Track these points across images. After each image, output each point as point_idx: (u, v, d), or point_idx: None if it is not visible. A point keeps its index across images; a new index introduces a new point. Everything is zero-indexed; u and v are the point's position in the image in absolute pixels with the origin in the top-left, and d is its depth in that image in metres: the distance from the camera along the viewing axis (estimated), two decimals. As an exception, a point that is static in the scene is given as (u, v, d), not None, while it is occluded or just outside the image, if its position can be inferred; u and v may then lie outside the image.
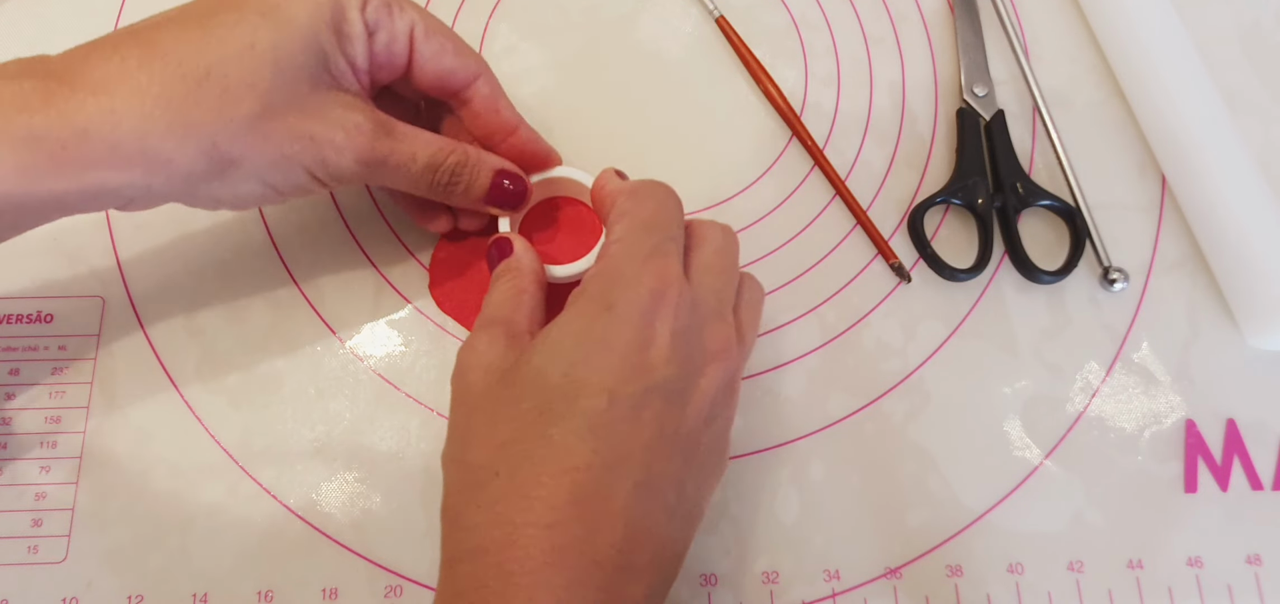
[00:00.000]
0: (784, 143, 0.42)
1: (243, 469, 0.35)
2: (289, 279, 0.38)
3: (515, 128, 0.35)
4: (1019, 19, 0.45)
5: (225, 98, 0.27)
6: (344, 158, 0.30)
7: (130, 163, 0.27)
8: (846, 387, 0.38)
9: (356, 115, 0.30)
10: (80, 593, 0.33)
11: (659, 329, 0.27)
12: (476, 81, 0.34)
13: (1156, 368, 0.39)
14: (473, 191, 0.34)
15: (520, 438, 0.26)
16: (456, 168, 0.33)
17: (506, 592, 0.24)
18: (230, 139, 0.28)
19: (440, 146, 0.32)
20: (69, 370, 0.36)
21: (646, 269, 0.28)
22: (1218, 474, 0.37)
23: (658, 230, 0.30)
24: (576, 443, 0.25)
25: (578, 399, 0.26)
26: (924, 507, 0.36)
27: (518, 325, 0.30)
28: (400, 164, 0.31)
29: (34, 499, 0.34)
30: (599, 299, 0.28)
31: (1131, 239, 0.41)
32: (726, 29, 0.43)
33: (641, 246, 0.29)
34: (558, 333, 0.28)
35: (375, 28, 0.31)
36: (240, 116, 0.28)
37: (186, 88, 0.27)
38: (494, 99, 0.34)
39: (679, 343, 0.27)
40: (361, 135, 0.30)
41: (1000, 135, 0.41)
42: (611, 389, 0.26)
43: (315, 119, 0.29)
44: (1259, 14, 0.45)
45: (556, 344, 0.27)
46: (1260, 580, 0.36)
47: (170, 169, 0.27)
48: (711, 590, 0.34)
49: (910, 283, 0.39)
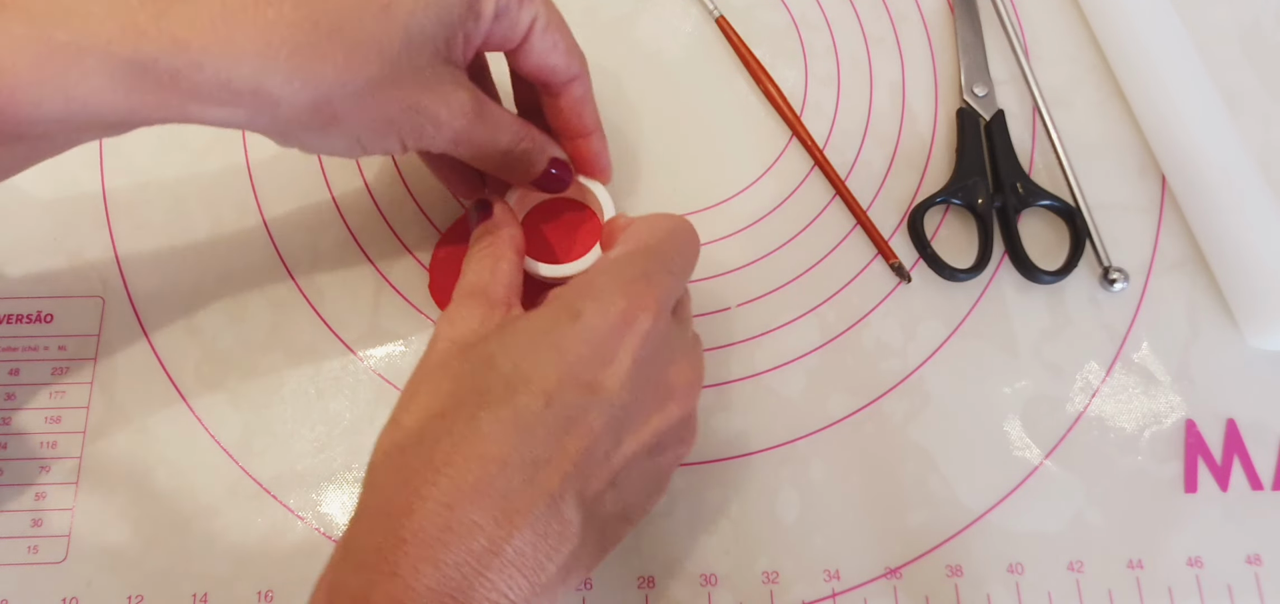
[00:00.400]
0: (784, 143, 0.42)
1: (243, 469, 0.35)
2: (289, 279, 0.38)
3: (591, 133, 0.35)
4: (1019, 19, 0.45)
5: (352, 55, 0.26)
6: (441, 133, 0.30)
7: (239, 100, 0.26)
8: (846, 387, 0.38)
9: (463, 93, 0.30)
10: (80, 593, 0.33)
11: (621, 351, 0.27)
12: (573, 82, 0.33)
13: (1156, 368, 0.39)
14: (528, 174, 0.34)
15: (450, 412, 0.26)
16: (526, 152, 0.33)
17: (395, 556, 0.24)
18: (345, 98, 0.27)
19: (517, 133, 0.32)
20: (69, 370, 0.36)
21: (625, 290, 0.28)
22: (1218, 474, 0.37)
23: (656, 257, 0.30)
24: (499, 433, 0.25)
25: (516, 393, 0.26)
26: (924, 507, 0.36)
27: (494, 294, 0.30)
28: (484, 143, 0.31)
29: (34, 499, 0.34)
30: (569, 305, 0.28)
31: (1131, 239, 0.41)
32: (726, 29, 0.43)
33: (630, 268, 0.29)
34: (522, 324, 0.28)
35: (502, 12, 0.30)
36: (361, 78, 0.27)
37: (316, 37, 0.25)
38: (582, 103, 0.34)
39: (638, 372, 0.27)
40: (464, 116, 0.30)
41: (1000, 135, 0.41)
42: (551, 393, 0.26)
43: (427, 92, 0.28)
44: (1259, 14, 0.45)
45: (515, 335, 0.27)
46: (1260, 580, 0.36)
47: (276, 112, 0.26)
48: (711, 590, 0.34)
49: (910, 283, 0.39)
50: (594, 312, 0.27)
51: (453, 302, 0.30)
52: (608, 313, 0.27)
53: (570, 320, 0.27)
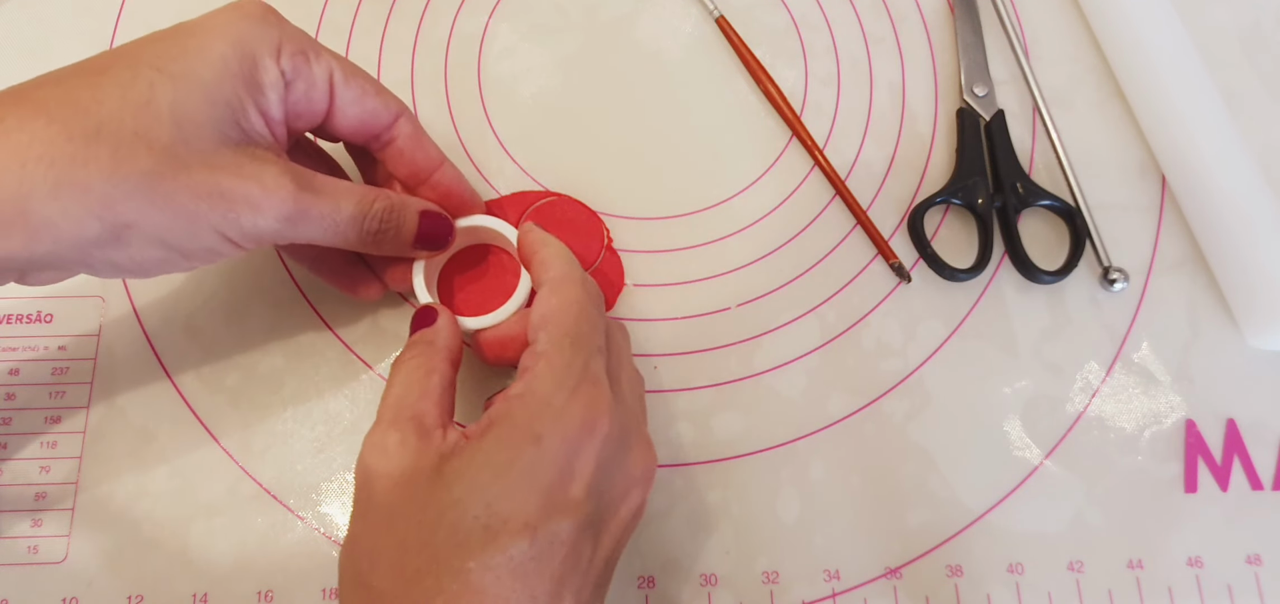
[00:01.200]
0: (784, 143, 0.42)
1: (243, 469, 0.35)
2: (289, 279, 0.38)
3: (439, 163, 0.34)
4: (1019, 19, 0.45)
5: (117, 154, 0.25)
6: (262, 216, 0.27)
7: (10, 229, 0.24)
8: (846, 387, 0.38)
9: (273, 169, 0.28)
10: (80, 593, 0.33)
11: (582, 463, 0.27)
12: (398, 121, 0.32)
13: (1156, 368, 0.39)
14: (402, 236, 0.32)
15: (432, 570, 0.25)
16: (384, 213, 0.31)
17: None
18: (124, 198, 0.25)
19: (364, 194, 0.30)
20: (69, 370, 0.36)
21: (577, 400, 0.27)
22: (1218, 474, 0.37)
23: (585, 345, 0.29)
24: (492, 581, 0.25)
25: (498, 536, 0.25)
26: (924, 507, 0.36)
27: (427, 418, 0.28)
28: (324, 216, 0.29)
29: (34, 499, 0.34)
30: (526, 429, 0.26)
31: (1131, 239, 0.41)
32: (726, 29, 0.43)
33: (571, 370, 0.28)
34: (481, 459, 0.26)
35: (293, 76, 0.29)
36: (135, 174, 0.25)
37: (73, 147, 0.24)
38: (417, 137, 0.33)
39: (601, 475, 0.27)
40: (281, 191, 0.28)
41: (1000, 135, 0.41)
42: (533, 527, 0.25)
43: (226, 176, 0.27)
44: (1259, 14, 0.45)
45: (476, 470, 0.26)
46: (1260, 580, 0.36)
47: (57, 235, 0.25)
48: (711, 590, 0.34)
49: (910, 283, 0.39)
50: (553, 432, 0.26)
51: (382, 424, 0.28)
52: (567, 429, 0.27)
53: (533, 445, 0.26)
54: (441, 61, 0.42)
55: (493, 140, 0.41)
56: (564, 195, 0.40)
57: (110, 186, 0.25)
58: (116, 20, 0.42)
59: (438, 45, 0.42)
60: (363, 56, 0.42)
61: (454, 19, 0.43)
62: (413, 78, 0.42)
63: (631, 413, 0.30)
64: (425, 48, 0.42)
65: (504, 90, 0.42)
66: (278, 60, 0.28)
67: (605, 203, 0.40)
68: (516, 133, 0.41)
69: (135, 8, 0.42)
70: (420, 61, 0.42)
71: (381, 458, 0.27)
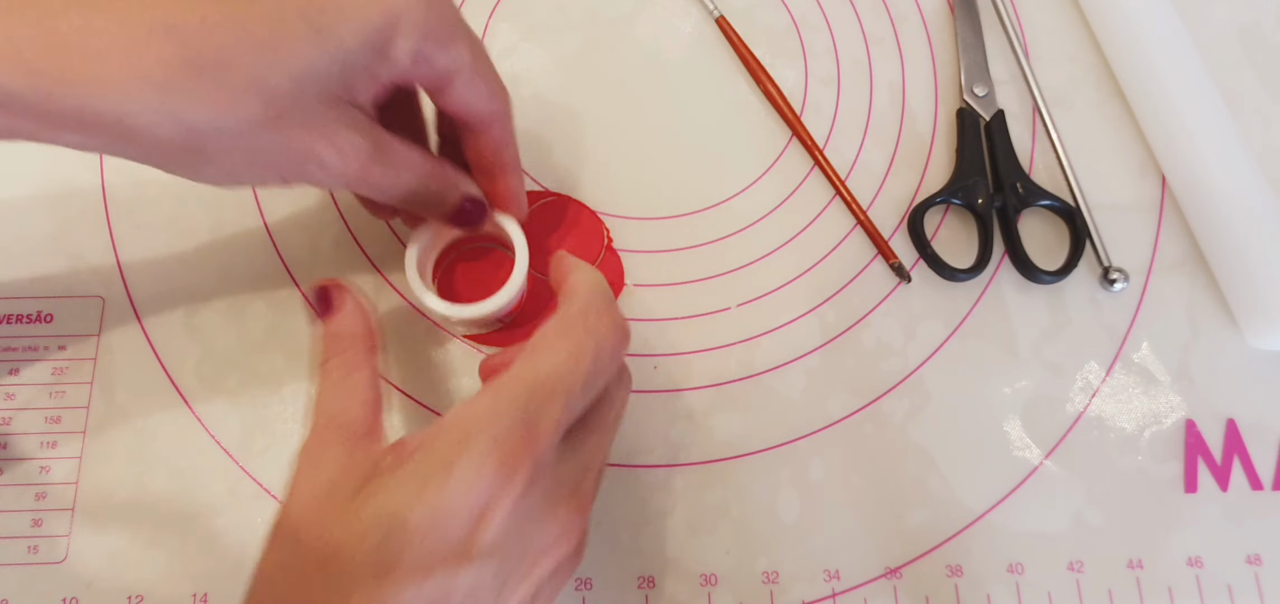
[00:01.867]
0: (784, 143, 0.42)
1: (243, 469, 0.35)
2: (289, 279, 0.38)
3: (508, 172, 0.33)
4: (1019, 19, 0.45)
5: (230, 96, 0.25)
6: (327, 174, 0.27)
7: (97, 128, 0.24)
8: (846, 387, 0.38)
9: (357, 137, 0.28)
10: (80, 593, 0.33)
11: (495, 511, 0.24)
12: (494, 122, 0.31)
13: (1156, 368, 0.39)
14: (438, 210, 0.32)
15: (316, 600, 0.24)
16: (435, 193, 0.31)
17: None
18: (217, 137, 0.25)
19: (424, 173, 0.30)
20: (69, 370, 0.36)
21: (503, 443, 0.25)
22: (1218, 474, 0.37)
23: (543, 396, 0.26)
24: None
25: (389, 574, 0.23)
26: (924, 507, 0.36)
27: (353, 422, 0.27)
28: (382, 184, 0.29)
29: (34, 499, 0.34)
30: (442, 458, 0.25)
31: (1131, 239, 0.41)
32: (726, 29, 0.43)
33: (509, 415, 0.25)
34: (393, 486, 0.25)
35: (420, 58, 0.28)
36: (239, 120, 0.25)
37: (188, 75, 0.24)
38: (502, 143, 0.32)
39: (512, 530, 0.25)
40: (356, 160, 0.28)
41: (1000, 135, 0.41)
42: (427, 570, 0.24)
43: (315, 135, 0.26)
44: (1259, 14, 0.45)
45: (385, 502, 0.24)
46: (1260, 580, 0.36)
47: (137, 141, 0.25)
48: (711, 590, 0.34)
49: (910, 283, 0.39)
50: (466, 466, 0.24)
51: (313, 434, 0.27)
52: (483, 470, 0.24)
53: (443, 476, 0.24)
54: (441, 61, 0.42)
55: (493, 140, 0.41)
56: (564, 195, 0.40)
57: (210, 125, 0.25)
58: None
59: (438, 45, 0.42)
60: (363, 56, 0.42)
61: (454, 19, 0.43)
62: (413, 78, 0.42)
63: (574, 475, 0.27)
64: (425, 48, 0.42)
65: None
66: (415, 39, 0.27)
67: (605, 203, 0.40)
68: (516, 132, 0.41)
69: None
70: (420, 61, 0.42)
71: (311, 470, 0.26)
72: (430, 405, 0.36)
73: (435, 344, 0.37)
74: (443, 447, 0.25)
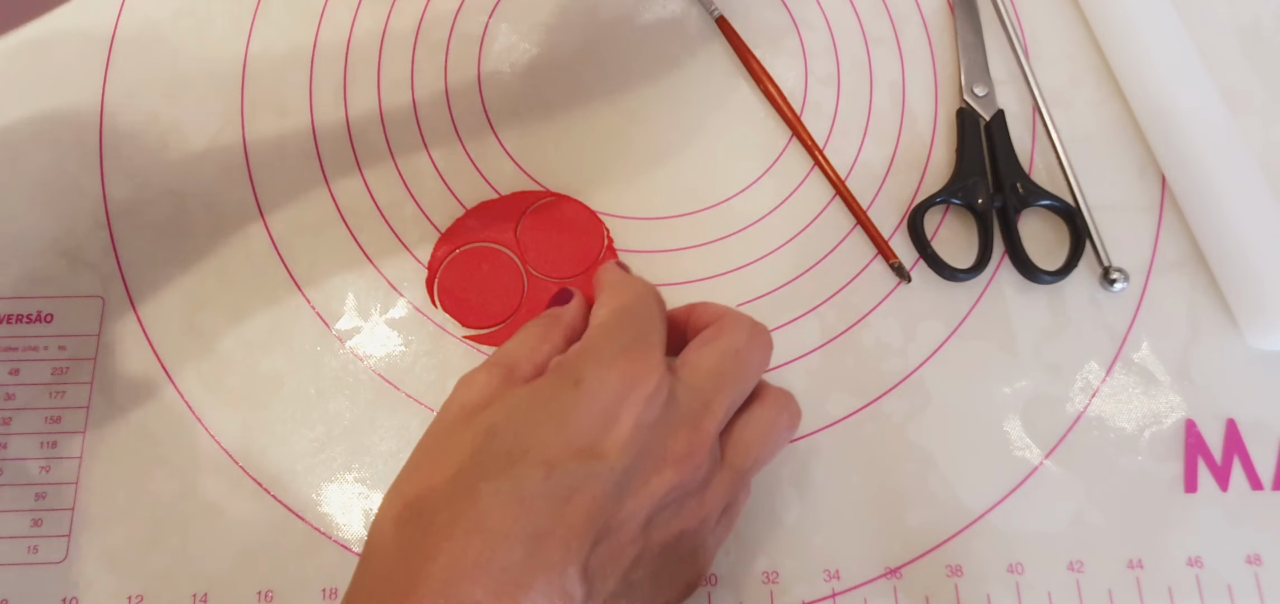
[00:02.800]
0: (784, 143, 0.42)
1: (243, 469, 0.35)
2: (289, 279, 0.38)
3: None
4: (1019, 19, 0.45)
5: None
6: None
7: None
8: (846, 387, 0.38)
9: None
10: (80, 593, 0.33)
11: (623, 415, 0.26)
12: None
13: (1156, 368, 0.39)
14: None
15: (448, 484, 0.26)
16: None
17: None
18: None
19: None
20: (69, 370, 0.36)
21: (624, 354, 0.28)
22: (1218, 474, 0.37)
23: (637, 320, 0.30)
24: (498, 506, 0.25)
25: (516, 464, 0.25)
26: (924, 507, 0.36)
27: (521, 370, 0.29)
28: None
29: (34, 499, 0.34)
30: (570, 372, 0.27)
31: (1131, 239, 0.41)
32: (726, 29, 0.43)
33: (623, 332, 0.29)
34: (524, 393, 0.27)
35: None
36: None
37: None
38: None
39: (639, 434, 0.26)
40: None
41: (1000, 135, 0.41)
42: (551, 462, 0.25)
43: None
44: (1259, 14, 0.45)
45: (516, 404, 0.27)
46: (1260, 580, 0.36)
47: None
48: (711, 590, 0.34)
49: (910, 283, 0.39)
50: (594, 377, 0.27)
51: (478, 367, 0.29)
52: (610, 377, 0.27)
53: (572, 387, 0.27)
54: (442, 62, 0.42)
55: (492, 140, 0.41)
56: (564, 195, 0.40)
57: None
58: (116, 20, 0.42)
59: (438, 45, 0.42)
60: (363, 56, 0.42)
61: (454, 19, 0.43)
62: (413, 78, 0.42)
63: (682, 399, 0.28)
64: (425, 48, 0.42)
65: (504, 90, 0.42)
66: None
67: (605, 203, 0.40)
68: (516, 133, 0.41)
69: (135, 5, 0.42)
70: (420, 61, 0.42)
71: (464, 389, 0.29)
72: (430, 405, 0.36)
73: (436, 344, 0.37)
74: (570, 362, 0.28)
